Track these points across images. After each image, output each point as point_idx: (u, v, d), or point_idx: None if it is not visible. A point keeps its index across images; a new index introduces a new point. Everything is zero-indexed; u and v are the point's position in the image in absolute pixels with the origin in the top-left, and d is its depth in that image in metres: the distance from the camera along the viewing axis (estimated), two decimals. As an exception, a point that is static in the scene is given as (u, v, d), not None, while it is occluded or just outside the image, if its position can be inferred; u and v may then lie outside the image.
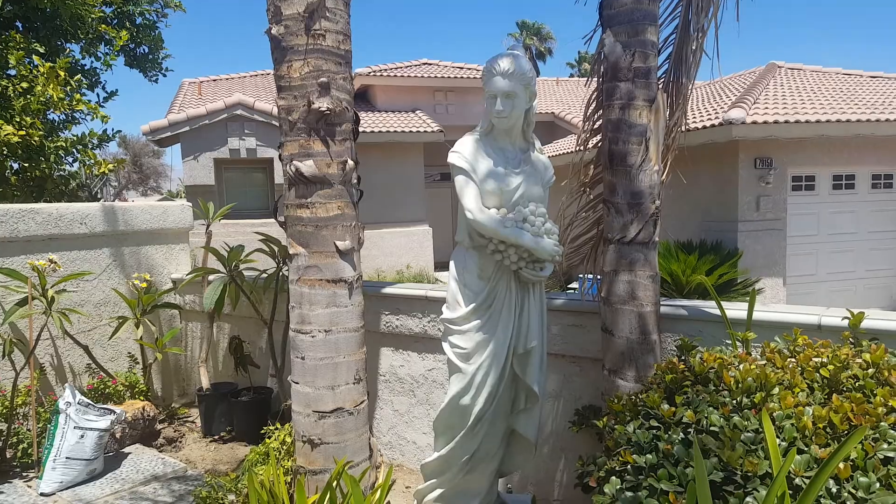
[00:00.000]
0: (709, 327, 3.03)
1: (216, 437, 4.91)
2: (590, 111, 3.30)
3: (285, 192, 3.39)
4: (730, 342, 2.77)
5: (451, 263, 2.56)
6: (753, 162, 9.27)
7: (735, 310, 2.95)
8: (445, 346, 2.45)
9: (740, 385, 2.25)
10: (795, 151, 9.51)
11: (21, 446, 4.31)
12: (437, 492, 2.54)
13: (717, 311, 2.87)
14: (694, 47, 3.08)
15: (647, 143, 2.88)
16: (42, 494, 3.95)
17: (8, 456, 4.34)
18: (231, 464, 4.46)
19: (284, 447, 3.65)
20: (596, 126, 3.31)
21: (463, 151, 2.52)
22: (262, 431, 3.98)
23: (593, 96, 3.28)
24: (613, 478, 2.25)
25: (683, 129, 3.31)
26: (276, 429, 3.90)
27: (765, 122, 8.79)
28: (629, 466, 2.20)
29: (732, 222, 9.38)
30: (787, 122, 8.83)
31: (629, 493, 2.12)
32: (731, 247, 9.05)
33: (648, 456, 2.16)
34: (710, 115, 9.50)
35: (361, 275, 3.50)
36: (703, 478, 1.67)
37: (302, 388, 3.39)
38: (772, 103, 9.44)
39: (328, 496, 2.76)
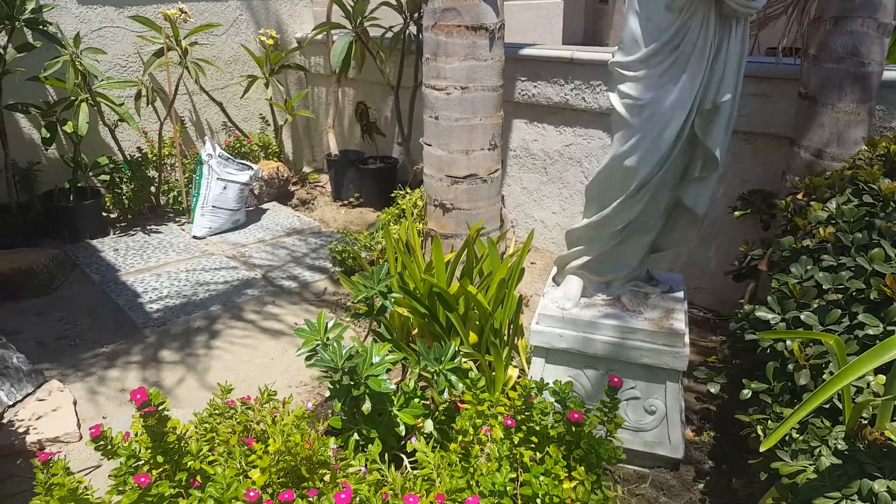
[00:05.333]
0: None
1: (345, 202, 5.01)
2: None
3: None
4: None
5: (630, -6, 2.06)
6: None
7: None
8: (613, 97, 2.08)
9: None
10: None
11: (172, 194, 4.59)
12: (583, 259, 2.36)
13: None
14: None
15: None
16: (194, 237, 4.26)
17: (161, 202, 4.67)
18: (361, 225, 4.56)
19: (416, 210, 3.59)
20: None
21: None
22: (392, 195, 3.94)
23: None
24: (804, 257, 1.93)
25: None
26: (407, 193, 3.84)
27: None
28: (829, 245, 1.85)
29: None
30: None
31: (824, 274, 1.80)
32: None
33: (858, 235, 1.80)
34: None
35: (504, 23, 3.06)
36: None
37: (435, 150, 3.20)
38: None
39: (465, 254, 2.67)
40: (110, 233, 4.26)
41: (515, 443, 1.88)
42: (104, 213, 4.35)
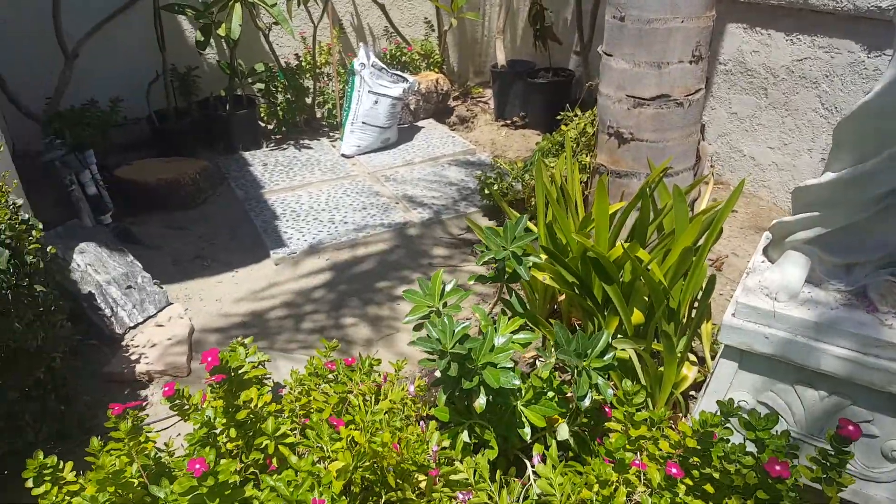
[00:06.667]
0: None
1: (507, 121, 4.42)
2: None
3: None
4: None
5: None
6: None
7: None
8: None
9: None
10: None
11: (327, 106, 4.34)
12: (816, 231, 1.60)
13: None
14: None
15: None
16: (343, 155, 3.98)
17: (318, 115, 4.45)
18: (521, 152, 3.98)
19: (584, 138, 2.92)
20: None
21: None
22: (559, 118, 3.28)
23: None
24: None
25: None
26: (576, 116, 3.16)
27: None
28: None
29: None
30: None
31: None
32: None
33: None
34: None
35: None
36: None
37: (616, 62, 2.48)
38: None
39: (640, 205, 2.01)
40: (263, 145, 4.13)
41: (680, 493, 1.32)
42: (260, 124, 4.22)
